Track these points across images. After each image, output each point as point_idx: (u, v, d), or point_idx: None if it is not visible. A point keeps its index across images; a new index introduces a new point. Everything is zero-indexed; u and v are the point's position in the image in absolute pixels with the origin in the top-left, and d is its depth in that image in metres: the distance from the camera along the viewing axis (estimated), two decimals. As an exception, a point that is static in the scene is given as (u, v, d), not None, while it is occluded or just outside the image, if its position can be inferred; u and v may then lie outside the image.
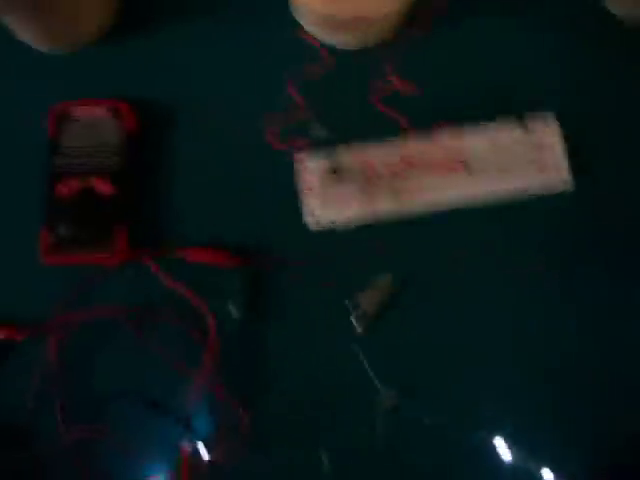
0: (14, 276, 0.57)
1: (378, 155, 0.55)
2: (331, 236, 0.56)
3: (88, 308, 0.56)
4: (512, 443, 0.52)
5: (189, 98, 0.60)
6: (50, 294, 0.56)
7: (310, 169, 0.56)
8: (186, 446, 0.53)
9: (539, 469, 0.51)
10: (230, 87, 0.60)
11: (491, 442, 0.52)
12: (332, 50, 0.57)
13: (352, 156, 0.55)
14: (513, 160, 0.54)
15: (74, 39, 0.61)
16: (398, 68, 0.50)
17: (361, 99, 0.56)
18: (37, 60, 0.61)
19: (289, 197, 0.56)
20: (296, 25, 0.59)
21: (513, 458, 0.51)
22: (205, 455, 0.53)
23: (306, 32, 0.58)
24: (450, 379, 0.54)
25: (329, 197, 0.55)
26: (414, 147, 0.55)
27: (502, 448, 0.51)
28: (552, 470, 0.51)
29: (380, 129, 0.55)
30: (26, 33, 0.60)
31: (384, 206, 0.55)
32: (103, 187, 0.57)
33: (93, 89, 0.60)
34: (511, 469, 0.52)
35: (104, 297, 0.56)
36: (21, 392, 0.56)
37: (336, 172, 0.55)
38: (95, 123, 0.58)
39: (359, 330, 0.54)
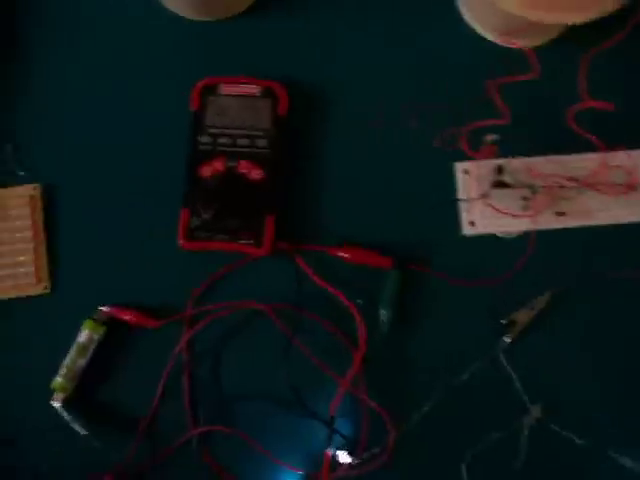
0: (152, 259, 0.54)
1: (547, 168, 0.53)
2: (487, 245, 0.54)
3: (228, 301, 0.53)
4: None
5: (345, 83, 0.56)
6: (188, 280, 0.54)
7: (475, 176, 0.54)
8: (328, 450, 0.52)
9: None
10: (392, 77, 0.56)
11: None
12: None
13: (520, 167, 0.53)
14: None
15: (223, 7, 0.57)
16: (592, 78, 0.48)
17: (539, 109, 0.54)
18: (181, 29, 0.57)
19: (448, 206, 0.54)
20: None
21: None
22: (346, 460, 0.52)
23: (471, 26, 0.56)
24: (598, 399, 0.53)
25: (490, 204, 0.53)
26: (586, 164, 0.53)
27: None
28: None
29: (556, 141, 0.53)
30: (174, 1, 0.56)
31: (545, 219, 0.53)
32: (251, 171, 0.53)
33: (238, 63, 0.57)
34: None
35: (244, 288, 0.54)
36: (149, 381, 0.53)
37: (502, 182, 0.53)
38: (245, 102, 0.54)
39: (508, 342, 0.53)
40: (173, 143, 0.55)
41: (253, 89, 0.54)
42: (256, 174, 0.53)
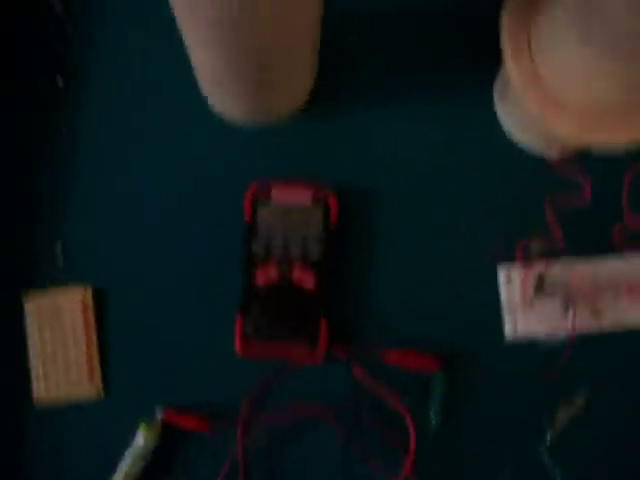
0: (206, 362, 0.56)
1: (587, 274, 0.56)
2: (529, 347, 0.56)
3: (282, 406, 0.55)
4: None
5: (391, 187, 0.58)
6: (244, 385, 0.55)
7: (518, 282, 0.56)
8: None
9: None
10: (437, 182, 0.58)
11: None
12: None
13: (561, 272, 0.56)
14: None
15: (273, 113, 0.58)
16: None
17: (582, 217, 0.57)
18: (230, 133, 0.58)
19: (491, 305, 0.57)
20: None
21: None
22: None
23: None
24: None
25: (531, 310, 0.56)
26: (626, 269, 0.56)
27: None
28: None
29: (597, 247, 0.56)
30: (224, 105, 0.57)
31: (584, 322, 0.56)
32: (304, 278, 0.55)
33: (288, 167, 0.58)
34: None
35: (298, 392, 0.55)
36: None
37: (543, 287, 0.56)
38: (296, 208, 0.56)
39: (549, 438, 0.55)
40: (226, 247, 0.56)
41: (304, 196, 0.56)
42: (309, 281, 0.55)
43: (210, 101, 0.58)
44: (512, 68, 0.51)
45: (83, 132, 0.59)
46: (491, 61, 0.57)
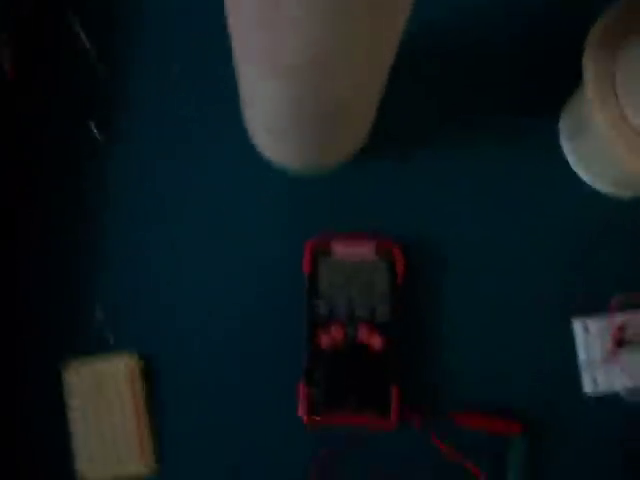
0: (269, 433, 0.51)
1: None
2: (611, 405, 0.53)
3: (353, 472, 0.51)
4: None
5: (458, 236, 0.54)
6: (310, 455, 0.50)
7: (596, 334, 0.52)
8: None
9: None
10: (506, 229, 0.55)
11: None
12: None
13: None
14: None
15: (331, 159, 0.54)
16: None
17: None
18: (282, 182, 0.54)
19: (569, 362, 0.53)
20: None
21: None
22: None
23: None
24: None
25: (612, 365, 0.52)
26: None
27: None
28: None
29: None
30: (278, 153, 0.53)
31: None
32: (372, 339, 0.51)
33: (345, 216, 0.54)
34: None
35: (369, 459, 0.51)
36: None
37: (624, 338, 0.52)
38: (360, 263, 0.52)
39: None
40: (284, 307, 0.52)
41: (367, 250, 0.52)
42: (376, 343, 0.51)
43: (260, 148, 0.54)
44: (598, 111, 0.47)
45: (125, 189, 0.55)
46: (555, 98, 0.55)
